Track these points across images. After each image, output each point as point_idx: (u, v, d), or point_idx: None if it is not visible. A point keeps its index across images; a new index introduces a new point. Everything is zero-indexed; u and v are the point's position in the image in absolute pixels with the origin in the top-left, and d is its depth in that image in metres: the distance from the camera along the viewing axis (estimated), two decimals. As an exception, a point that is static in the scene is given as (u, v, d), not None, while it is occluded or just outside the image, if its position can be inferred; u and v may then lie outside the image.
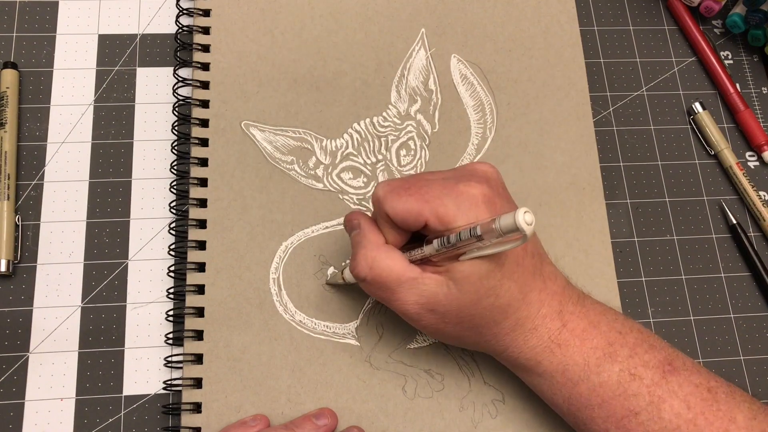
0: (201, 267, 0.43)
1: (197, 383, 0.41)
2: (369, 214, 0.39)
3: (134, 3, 0.50)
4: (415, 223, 0.34)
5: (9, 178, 0.45)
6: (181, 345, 0.42)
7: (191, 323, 0.42)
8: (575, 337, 0.36)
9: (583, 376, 0.35)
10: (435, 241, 0.34)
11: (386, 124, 0.47)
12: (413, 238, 0.37)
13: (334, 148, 0.47)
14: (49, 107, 0.47)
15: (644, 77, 0.53)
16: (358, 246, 0.37)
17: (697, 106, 0.51)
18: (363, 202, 0.46)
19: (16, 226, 0.44)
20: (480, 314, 0.35)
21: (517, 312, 0.35)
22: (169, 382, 0.42)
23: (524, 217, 0.29)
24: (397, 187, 0.35)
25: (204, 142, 0.46)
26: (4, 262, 0.43)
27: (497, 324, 0.36)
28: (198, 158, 0.46)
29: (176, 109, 0.47)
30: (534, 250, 0.36)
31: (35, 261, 0.44)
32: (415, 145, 0.47)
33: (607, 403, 0.35)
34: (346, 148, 0.47)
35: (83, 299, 0.44)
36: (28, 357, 0.42)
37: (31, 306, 0.43)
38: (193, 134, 0.46)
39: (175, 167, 0.46)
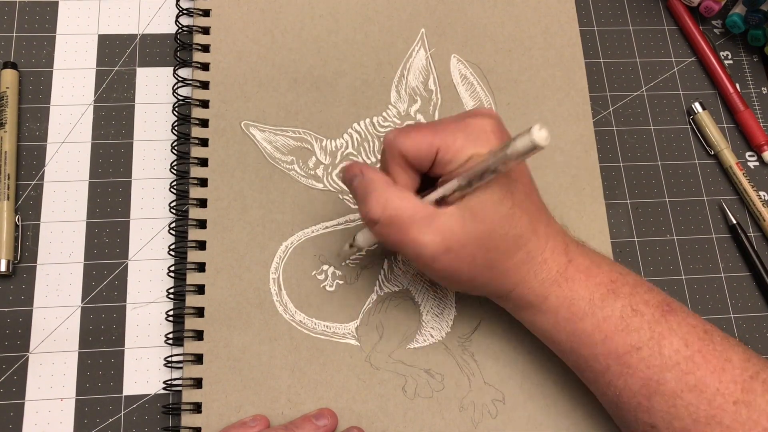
0: (201, 267, 0.43)
1: (197, 383, 0.41)
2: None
3: (134, 3, 0.50)
4: (426, 154, 0.35)
5: (9, 178, 0.45)
6: (181, 345, 0.42)
7: (191, 323, 0.42)
8: (580, 273, 0.37)
9: (588, 311, 0.36)
10: (453, 181, 0.34)
11: (386, 124, 0.47)
12: (422, 187, 0.37)
13: (334, 148, 0.47)
14: (49, 107, 0.47)
15: (644, 77, 0.53)
16: (367, 189, 0.36)
17: (697, 106, 0.51)
18: (363, 202, 0.46)
19: (16, 226, 0.44)
20: (495, 246, 0.35)
21: (528, 243, 0.36)
22: (169, 382, 0.42)
23: (540, 134, 0.30)
24: (407, 128, 0.36)
25: (204, 142, 0.46)
26: (4, 262, 0.43)
27: (510, 257, 0.36)
28: (198, 158, 0.46)
29: (176, 109, 0.47)
30: (536, 188, 0.38)
31: (35, 261, 0.44)
32: (415, 145, 0.47)
33: (610, 339, 0.35)
34: (346, 148, 0.47)
35: (83, 299, 0.44)
36: (28, 357, 0.42)
37: (31, 306, 0.43)
38: (193, 134, 0.46)
39: (175, 167, 0.46)
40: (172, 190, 0.45)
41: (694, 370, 0.34)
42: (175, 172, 0.46)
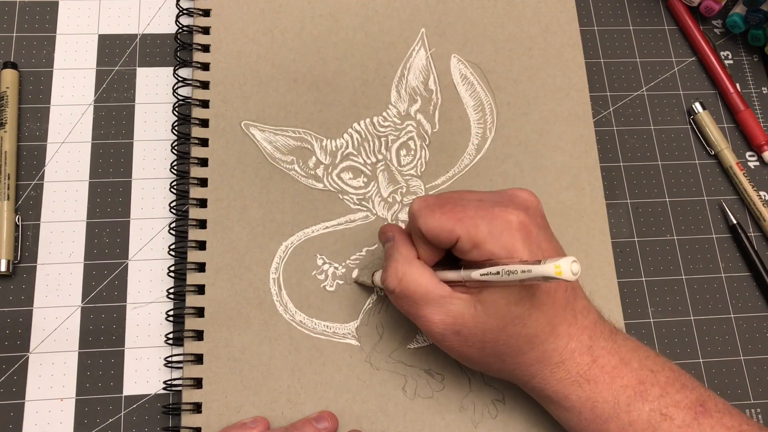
0: (201, 267, 0.43)
1: (197, 383, 0.41)
2: (402, 226, 0.40)
3: (134, 3, 0.50)
4: (447, 240, 0.34)
5: (9, 178, 0.45)
6: (181, 345, 0.42)
7: (191, 323, 0.42)
8: (605, 374, 0.35)
9: (612, 414, 0.35)
10: (474, 272, 0.33)
11: (386, 124, 0.47)
12: (446, 259, 0.37)
13: (334, 148, 0.47)
14: (49, 107, 0.47)
15: (644, 77, 0.53)
16: (390, 259, 0.37)
17: (697, 106, 0.51)
18: (363, 202, 0.46)
19: (16, 226, 0.44)
20: (504, 341, 0.35)
21: (544, 344, 0.35)
22: (169, 382, 0.42)
23: (571, 267, 0.29)
24: (432, 204, 0.35)
25: (204, 142, 0.46)
26: (4, 262, 0.43)
27: (523, 353, 0.35)
28: (198, 158, 0.46)
29: (176, 109, 0.47)
30: (568, 285, 0.36)
31: (35, 261, 0.44)
32: (415, 145, 0.47)
33: None
34: (346, 148, 0.47)
35: (83, 299, 0.44)
36: (28, 357, 0.42)
37: (31, 306, 0.43)
38: (193, 134, 0.46)
39: (175, 167, 0.46)
40: (172, 190, 0.45)
41: None
42: (175, 172, 0.46)
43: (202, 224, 0.44)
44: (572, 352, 0.35)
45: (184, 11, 0.49)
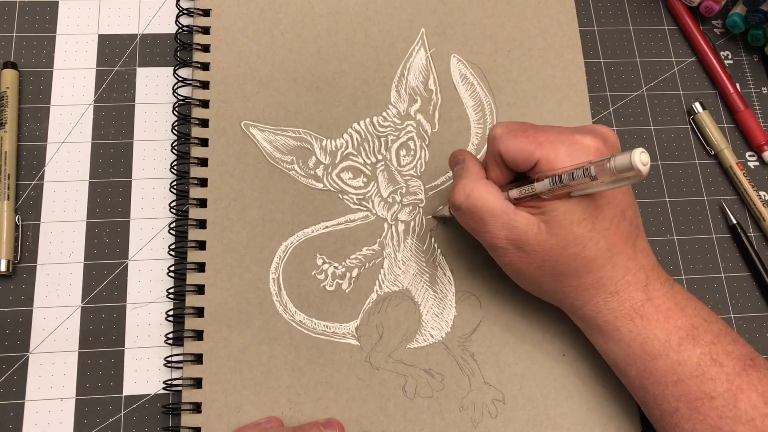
0: (201, 267, 0.43)
1: (197, 383, 0.41)
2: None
3: (134, 3, 0.50)
4: (525, 163, 0.35)
5: (9, 178, 0.45)
6: (181, 345, 0.42)
7: (191, 323, 0.42)
8: (659, 314, 0.36)
9: (662, 352, 0.35)
10: (546, 180, 0.34)
11: (386, 124, 0.47)
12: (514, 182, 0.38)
13: (334, 148, 0.47)
14: (49, 107, 0.47)
15: (644, 77, 0.53)
16: (459, 177, 0.38)
17: (697, 106, 0.51)
18: (363, 202, 0.46)
19: (16, 226, 0.44)
20: (564, 262, 0.36)
21: (601, 270, 0.36)
22: (169, 382, 0.42)
23: (640, 157, 0.29)
24: (514, 129, 0.36)
25: (204, 142, 0.46)
26: (4, 262, 0.43)
27: (579, 276, 0.36)
28: (198, 158, 0.46)
29: (176, 109, 0.47)
30: (632, 219, 0.37)
31: (35, 261, 0.44)
32: (415, 145, 0.47)
33: (683, 383, 0.35)
34: (346, 148, 0.47)
35: (83, 299, 0.44)
36: (28, 357, 0.42)
37: (31, 306, 0.43)
38: (193, 134, 0.46)
39: (175, 167, 0.46)
40: (172, 190, 0.45)
41: None
42: (175, 172, 0.46)
43: (202, 224, 0.44)
44: (628, 284, 0.36)
45: (184, 11, 0.49)
